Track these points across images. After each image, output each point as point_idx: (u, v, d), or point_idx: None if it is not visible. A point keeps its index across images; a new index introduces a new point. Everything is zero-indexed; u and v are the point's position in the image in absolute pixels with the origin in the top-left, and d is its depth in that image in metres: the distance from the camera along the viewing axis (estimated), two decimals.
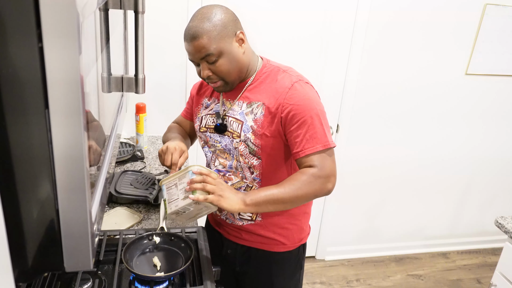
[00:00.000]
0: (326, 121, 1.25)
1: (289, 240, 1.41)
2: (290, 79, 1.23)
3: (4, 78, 0.48)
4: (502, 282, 1.77)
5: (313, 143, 1.19)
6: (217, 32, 1.17)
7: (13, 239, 0.53)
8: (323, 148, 1.19)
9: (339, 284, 2.64)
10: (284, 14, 2.18)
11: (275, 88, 1.24)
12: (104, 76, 0.75)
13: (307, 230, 1.47)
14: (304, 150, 1.20)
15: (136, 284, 1.18)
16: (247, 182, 1.32)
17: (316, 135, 1.19)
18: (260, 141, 1.25)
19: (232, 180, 1.34)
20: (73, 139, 0.52)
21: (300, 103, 1.19)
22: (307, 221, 1.47)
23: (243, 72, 1.27)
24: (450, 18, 2.37)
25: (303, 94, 1.21)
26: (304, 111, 1.19)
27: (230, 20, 1.20)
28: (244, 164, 1.30)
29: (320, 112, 1.22)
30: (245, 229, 1.40)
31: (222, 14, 1.19)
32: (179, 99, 2.21)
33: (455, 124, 2.68)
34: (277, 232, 1.38)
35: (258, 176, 1.31)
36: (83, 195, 0.55)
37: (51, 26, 0.46)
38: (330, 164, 1.20)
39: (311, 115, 1.19)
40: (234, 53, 1.21)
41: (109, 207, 1.59)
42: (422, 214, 2.92)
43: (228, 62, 1.21)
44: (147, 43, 1.21)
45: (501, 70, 2.58)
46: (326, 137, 1.21)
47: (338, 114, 2.47)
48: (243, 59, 1.24)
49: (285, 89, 1.21)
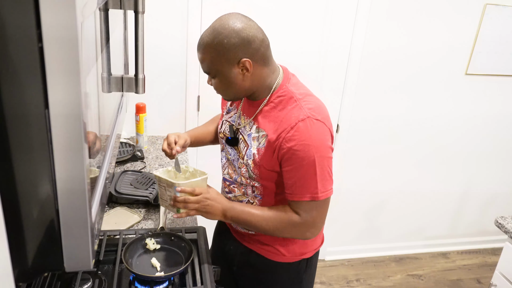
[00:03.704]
0: (325, 168, 1.15)
1: (288, 252, 1.35)
2: (298, 114, 1.13)
3: (4, 78, 0.48)
4: (502, 282, 1.77)
5: (302, 192, 1.15)
6: (217, 54, 1.11)
7: (13, 239, 0.53)
8: (310, 200, 1.16)
9: (339, 284, 2.64)
10: (284, 13, 2.18)
11: (281, 120, 1.16)
12: (104, 76, 0.75)
13: (312, 245, 1.38)
14: (292, 195, 1.18)
15: (136, 284, 1.18)
16: (248, 197, 1.31)
17: (307, 184, 1.14)
18: (258, 171, 1.22)
19: (235, 192, 1.33)
20: (73, 138, 0.52)
21: (297, 148, 1.11)
22: (314, 238, 1.36)
23: (245, 94, 1.21)
24: (450, 18, 2.38)
25: (305, 137, 1.11)
26: (300, 157, 1.12)
27: (238, 46, 1.09)
28: (246, 183, 1.28)
29: (319, 159, 1.12)
30: (245, 233, 1.39)
31: (233, 34, 1.08)
32: (179, 99, 2.21)
33: (455, 123, 2.68)
34: (277, 242, 1.33)
35: (259, 195, 1.28)
36: (83, 195, 0.55)
37: (51, 26, 0.46)
38: (314, 216, 1.18)
39: (307, 162, 1.12)
40: (232, 78, 1.14)
41: (109, 207, 1.59)
42: (422, 214, 2.92)
43: (222, 84, 1.17)
44: (147, 43, 1.20)
45: (501, 70, 2.58)
46: (317, 188, 1.14)
47: (338, 114, 2.47)
48: (242, 85, 1.16)
49: (289, 126, 1.13)
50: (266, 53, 1.16)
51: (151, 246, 1.30)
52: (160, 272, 1.21)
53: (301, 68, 2.25)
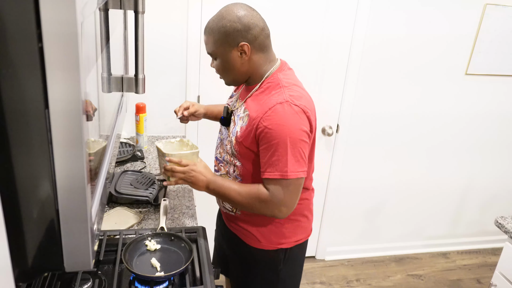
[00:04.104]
0: (297, 149, 1.21)
1: (264, 238, 1.41)
2: (278, 98, 1.22)
3: (4, 78, 0.48)
4: (502, 282, 1.77)
5: (272, 170, 1.22)
6: (219, 37, 1.23)
7: (13, 239, 0.53)
8: (280, 178, 1.21)
9: (339, 284, 2.64)
10: (284, 6, 2.18)
11: (263, 102, 1.25)
12: (104, 76, 0.75)
13: (291, 237, 1.43)
14: (264, 173, 1.24)
15: (136, 284, 1.18)
16: (230, 177, 1.39)
17: (277, 162, 1.20)
18: (238, 148, 1.31)
19: (221, 170, 1.43)
20: (73, 137, 0.52)
21: (272, 127, 1.19)
22: (293, 229, 1.43)
23: (242, 78, 1.32)
24: (450, 18, 2.37)
25: (280, 118, 1.19)
26: (273, 136, 1.19)
27: (239, 30, 1.21)
28: (230, 162, 1.38)
29: (291, 140, 1.19)
30: (230, 216, 1.48)
31: (235, 20, 1.20)
32: (179, 99, 2.21)
33: (455, 123, 2.68)
34: (254, 227, 1.41)
35: (239, 175, 1.37)
36: (83, 195, 0.55)
37: (51, 26, 0.46)
38: (283, 195, 1.23)
39: (278, 141, 1.19)
40: (231, 61, 1.26)
41: (109, 207, 1.59)
42: (422, 214, 2.92)
43: (222, 66, 1.29)
44: (147, 43, 1.21)
45: (501, 70, 2.58)
46: (287, 167, 1.20)
47: (338, 114, 2.46)
48: (240, 68, 1.27)
49: (267, 107, 1.21)
50: (265, 41, 1.27)
51: (151, 246, 1.30)
52: (160, 272, 1.21)
53: (301, 62, 2.26)
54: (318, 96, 2.34)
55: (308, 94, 1.30)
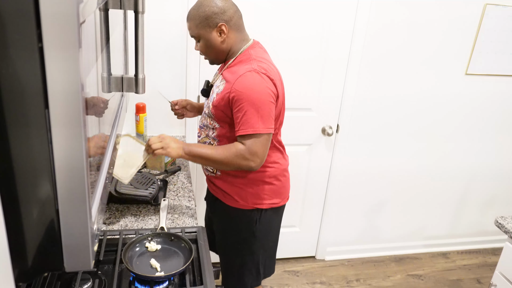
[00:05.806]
0: (266, 111, 1.41)
1: (241, 199, 1.59)
2: (248, 67, 1.42)
3: (4, 78, 0.48)
4: (502, 282, 1.77)
5: (245, 127, 1.41)
6: (199, 21, 1.44)
7: (13, 239, 0.53)
8: (253, 133, 1.40)
9: (339, 284, 2.64)
10: (284, 13, 2.18)
11: (235, 71, 1.45)
12: (104, 76, 0.75)
13: (266, 198, 1.60)
14: (238, 131, 1.43)
15: (136, 284, 1.18)
16: (209, 139, 1.58)
17: (249, 120, 1.40)
18: (214, 111, 1.50)
19: (202, 135, 1.62)
20: (74, 141, 0.52)
21: (242, 90, 1.39)
22: (268, 192, 1.60)
23: (223, 55, 1.52)
24: (450, 18, 2.37)
25: (249, 83, 1.39)
26: (243, 98, 1.39)
27: (216, 13, 1.42)
28: (209, 125, 1.56)
29: (258, 101, 1.39)
30: (210, 179, 1.67)
31: (212, 5, 1.42)
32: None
33: (455, 123, 2.68)
34: (233, 190, 1.59)
35: (216, 137, 1.55)
36: (83, 195, 0.55)
37: (52, 26, 0.46)
38: (257, 147, 1.42)
39: (248, 102, 1.38)
40: (212, 40, 1.46)
41: (109, 206, 1.59)
42: (422, 214, 2.92)
43: (205, 46, 1.49)
44: (147, 42, 1.21)
45: (501, 70, 2.58)
46: (258, 124, 1.40)
47: (338, 114, 2.46)
48: (220, 46, 1.48)
49: (238, 75, 1.41)
50: (239, 21, 1.49)
51: (151, 247, 1.30)
52: (160, 272, 1.21)
53: (301, 59, 2.26)
54: (318, 96, 2.35)
55: (277, 69, 1.52)
